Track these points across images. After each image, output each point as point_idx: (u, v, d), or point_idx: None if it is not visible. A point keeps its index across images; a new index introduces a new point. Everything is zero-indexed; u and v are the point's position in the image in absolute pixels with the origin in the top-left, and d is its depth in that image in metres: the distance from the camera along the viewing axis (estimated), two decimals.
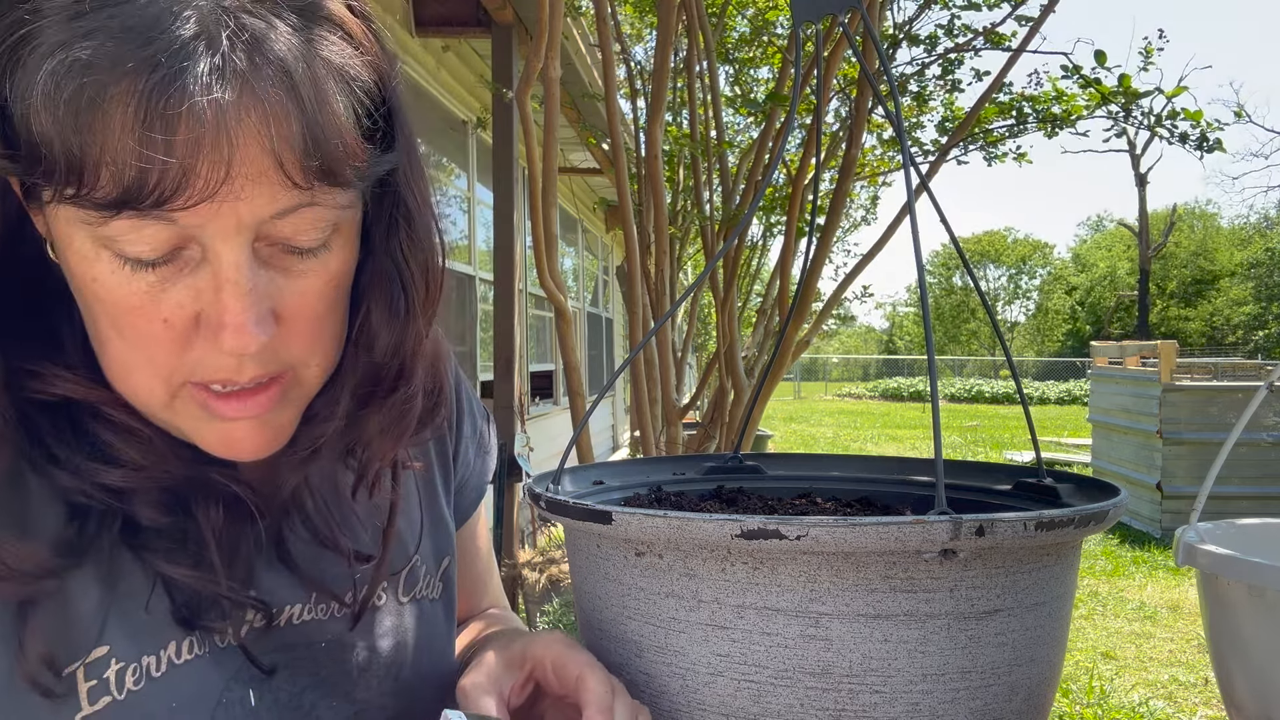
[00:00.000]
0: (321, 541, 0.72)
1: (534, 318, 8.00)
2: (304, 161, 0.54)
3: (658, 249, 3.47)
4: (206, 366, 0.58)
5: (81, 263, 0.55)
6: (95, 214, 0.52)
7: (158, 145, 0.50)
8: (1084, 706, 3.98)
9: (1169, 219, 43.64)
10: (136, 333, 0.57)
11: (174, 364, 0.58)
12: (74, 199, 0.51)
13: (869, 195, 8.23)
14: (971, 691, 0.57)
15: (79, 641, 0.60)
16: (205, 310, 0.56)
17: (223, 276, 0.55)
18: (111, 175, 0.50)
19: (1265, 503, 6.64)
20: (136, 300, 0.56)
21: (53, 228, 0.57)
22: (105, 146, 0.50)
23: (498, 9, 4.62)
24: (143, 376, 0.59)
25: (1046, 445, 13.23)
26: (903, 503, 0.85)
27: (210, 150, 0.51)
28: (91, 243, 0.54)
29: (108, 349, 0.59)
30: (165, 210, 0.52)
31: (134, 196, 0.51)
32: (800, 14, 0.74)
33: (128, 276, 0.55)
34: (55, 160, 0.51)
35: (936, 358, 0.77)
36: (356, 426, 0.69)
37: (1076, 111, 3.73)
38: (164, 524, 0.63)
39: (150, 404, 0.61)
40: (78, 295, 0.58)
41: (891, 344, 57.32)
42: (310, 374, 0.64)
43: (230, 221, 0.54)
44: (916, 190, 0.69)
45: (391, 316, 0.67)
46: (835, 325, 16.59)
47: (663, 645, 0.60)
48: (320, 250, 0.60)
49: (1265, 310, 38.59)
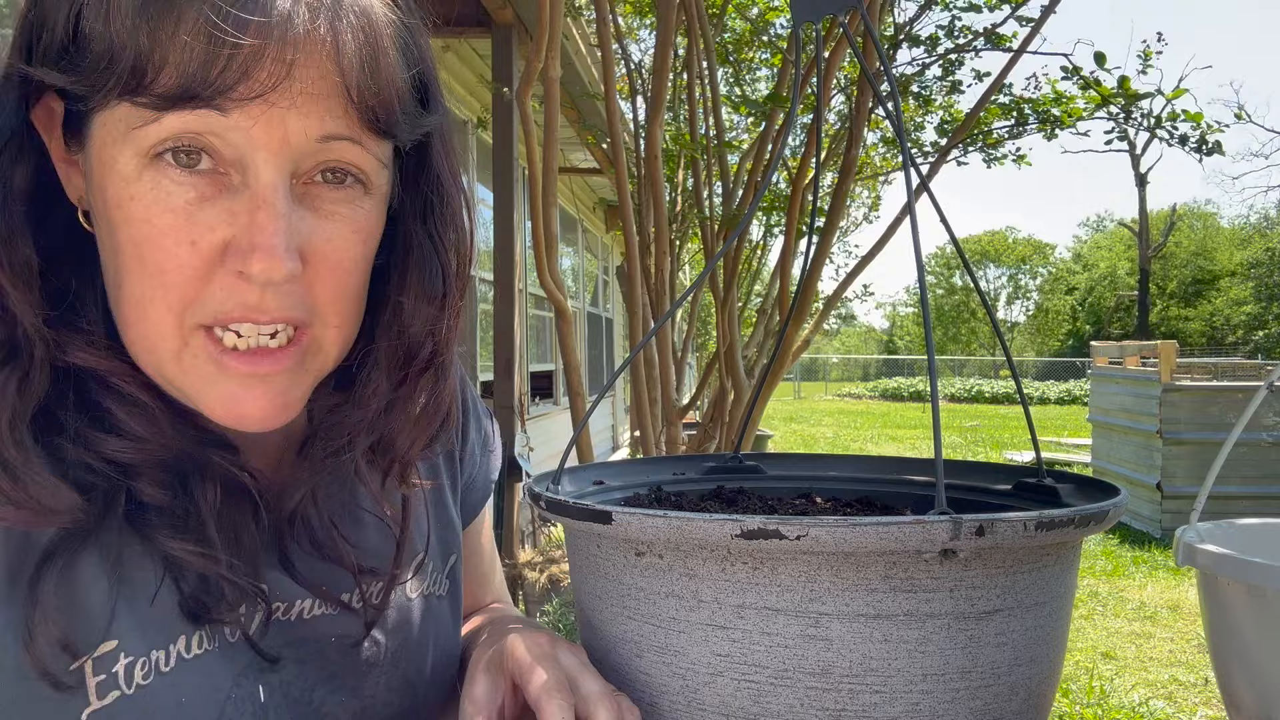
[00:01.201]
0: (325, 555, 0.71)
1: (534, 318, 8.00)
2: (360, 96, 0.56)
3: (658, 249, 3.47)
4: (224, 303, 0.58)
5: (121, 184, 0.56)
6: (151, 112, 0.53)
7: (226, 38, 0.52)
8: (1084, 706, 3.98)
9: (1169, 219, 43.66)
10: (161, 258, 0.56)
11: (191, 295, 0.57)
12: (135, 93, 0.53)
13: (870, 195, 8.23)
14: (971, 691, 0.57)
15: (88, 635, 0.59)
16: (236, 235, 0.56)
17: (260, 197, 0.56)
18: (177, 67, 0.52)
19: (1265, 503, 6.63)
20: (169, 219, 0.56)
21: (97, 156, 0.57)
22: (175, 40, 0.52)
23: (498, 9, 4.63)
24: (156, 314, 0.58)
25: (1046, 445, 13.23)
26: (903, 503, 0.85)
27: (275, 52, 0.53)
28: (136, 159, 0.55)
29: (126, 285, 0.58)
30: (223, 99, 0.53)
31: (198, 84, 0.52)
32: (800, 14, 0.74)
33: (166, 192, 0.55)
34: (123, 57, 0.52)
35: (936, 358, 0.77)
36: (391, 415, 0.69)
37: (1076, 113, 3.73)
38: (166, 502, 0.62)
39: (161, 349, 0.59)
40: (108, 231, 0.58)
41: (891, 344, 57.34)
42: (329, 337, 0.63)
43: (278, 135, 0.55)
44: (916, 190, 0.69)
45: (430, 296, 0.67)
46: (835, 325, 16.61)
47: (663, 645, 0.60)
48: (357, 193, 0.61)
49: (1265, 310, 38.59)
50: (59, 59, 0.55)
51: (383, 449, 0.72)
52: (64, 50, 0.55)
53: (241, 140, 0.55)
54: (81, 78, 0.54)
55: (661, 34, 3.18)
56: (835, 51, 3.28)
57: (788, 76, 3.70)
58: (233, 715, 0.63)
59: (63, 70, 0.55)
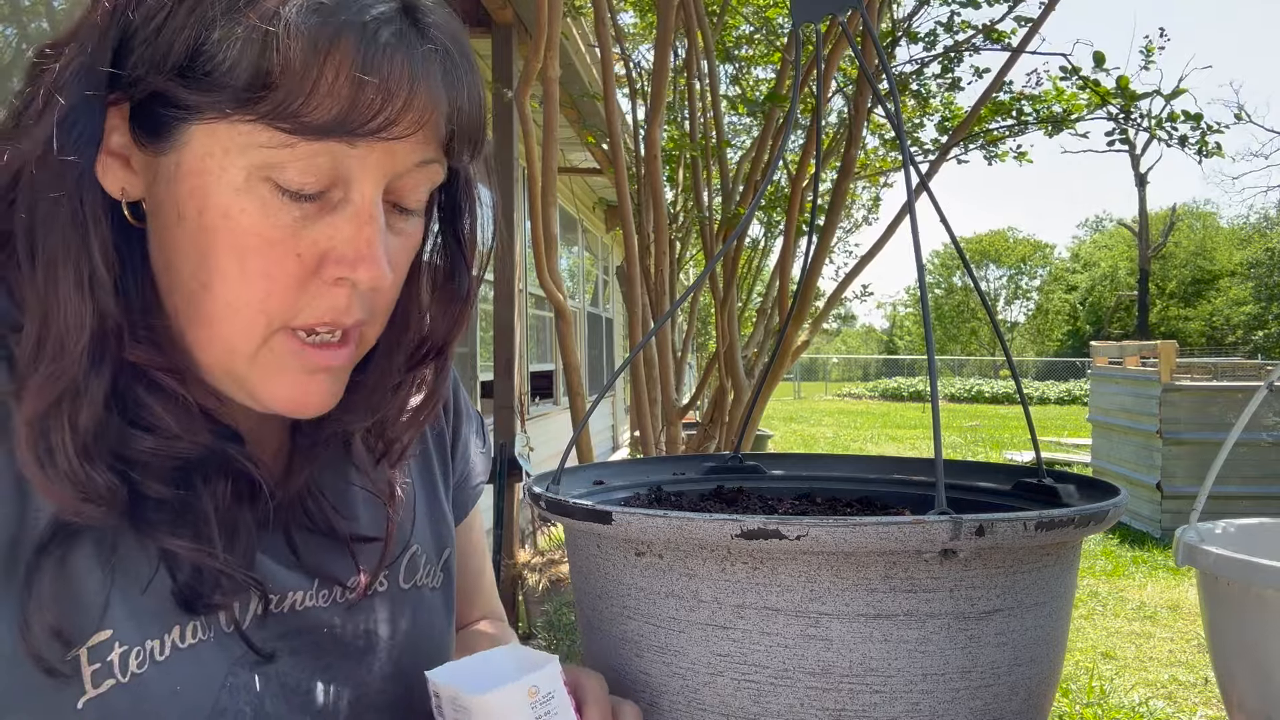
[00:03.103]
0: (320, 529, 0.73)
1: (534, 318, 8.00)
2: (455, 123, 0.63)
3: (657, 249, 3.47)
4: (317, 308, 0.62)
5: (231, 194, 0.58)
6: (287, 136, 0.57)
7: (379, 88, 0.57)
8: (1084, 706, 3.98)
9: (1169, 219, 43.66)
10: (264, 267, 0.59)
11: (288, 303, 0.61)
12: (279, 119, 0.56)
13: (871, 196, 8.23)
14: (971, 691, 0.57)
15: (83, 624, 0.60)
16: (338, 247, 0.60)
17: (365, 214, 0.60)
18: (328, 103, 0.56)
19: (1265, 503, 6.63)
20: (278, 234, 0.59)
21: (193, 161, 0.59)
22: (336, 81, 0.56)
23: (498, 9, 4.62)
24: (248, 316, 0.61)
25: (1046, 445, 13.23)
26: (903, 503, 0.85)
27: (418, 104, 0.59)
28: (248, 174, 0.58)
29: (219, 288, 0.60)
30: (360, 139, 0.58)
31: (343, 122, 0.57)
32: (800, 14, 0.74)
33: (277, 208, 0.59)
34: (280, 85, 0.56)
35: (936, 358, 0.77)
36: (392, 402, 0.74)
37: (1077, 110, 3.73)
38: (167, 497, 0.63)
39: (241, 348, 0.62)
40: (197, 233, 0.60)
41: (892, 344, 57.33)
42: (371, 334, 0.68)
43: (386, 162, 0.60)
44: (916, 190, 0.69)
45: (456, 296, 0.73)
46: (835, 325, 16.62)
47: (663, 645, 0.60)
48: (416, 214, 0.66)
49: (1265, 310, 38.59)
50: (179, 70, 0.57)
51: (378, 432, 0.76)
52: (187, 63, 0.57)
53: (356, 165, 0.60)
54: (209, 93, 0.57)
55: (661, 34, 3.18)
56: (835, 51, 3.28)
57: (787, 76, 3.70)
58: (227, 704, 0.64)
59: (183, 81, 0.57)
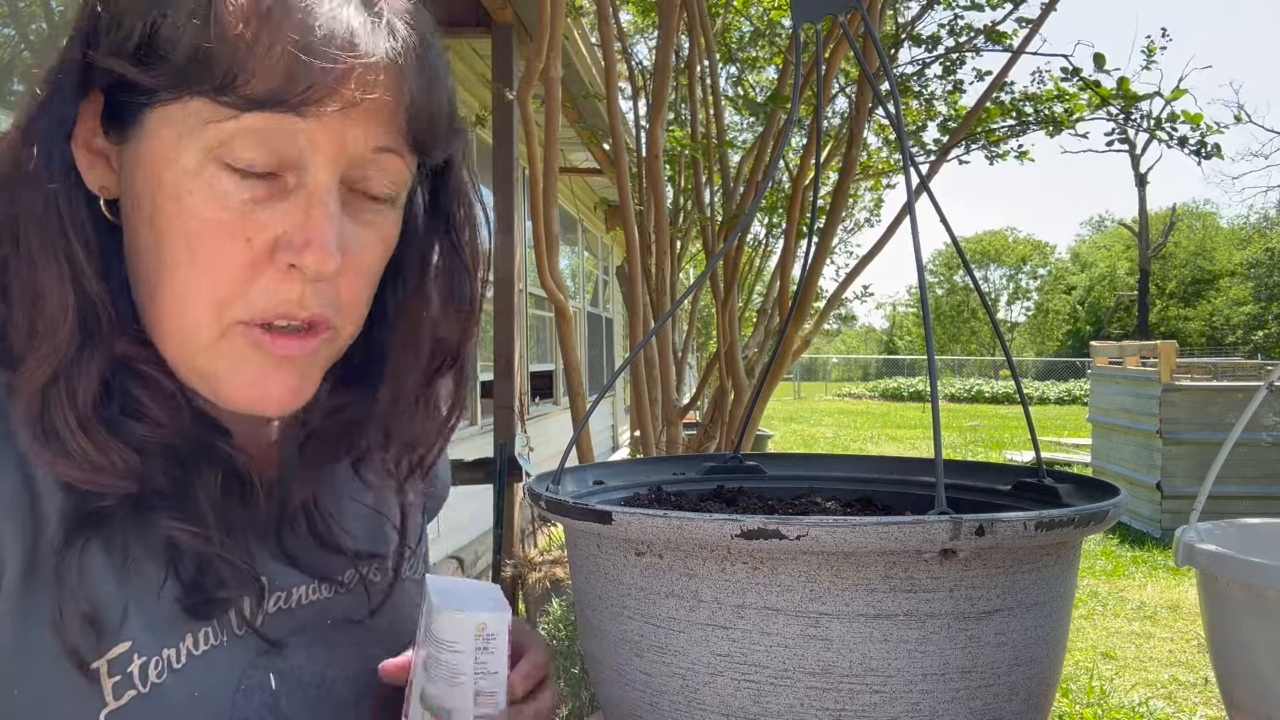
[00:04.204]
0: (324, 544, 0.74)
1: (534, 318, 8.00)
2: (414, 117, 0.62)
3: (658, 249, 3.47)
4: (270, 298, 0.60)
5: (182, 177, 0.58)
6: (231, 110, 0.56)
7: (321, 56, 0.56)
8: (1084, 706, 3.98)
9: (1169, 219, 43.65)
10: (213, 252, 0.59)
11: (238, 291, 0.60)
12: (222, 91, 0.56)
13: (873, 198, 8.22)
14: (971, 691, 0.57)
15: (102, 636, 0.60)
16: (289, 231, 0.59)
17: (316, 198, 0.59)
18: (270, 74, 0.56)
19: (1265, 503, 6.63)
20: (228, 216, 0.58)
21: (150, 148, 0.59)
22: (273, 51, 0.56)
23: (498, 9, 4.63)
24: (200, 304, 0.60)
25: (1046, 445, 13.23)
26: (903, 503, 0.85)
27: (359, 73, 0.58)
28: (201, 154, 0.58)
29: (170, 278, 0.60)
30: (304, 109, 0.57)
31: (286, 91, 0.56)
32: (800, 14, 0.74)
33: (225, 190, 0.58)
34: (219, 59, 0.55)
35: (936, 358, 0.77)
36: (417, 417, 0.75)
37: (1078, 110, 3.73)
38: (164, 486, 0.64)
39: (195, 339, 0.61)
40: (153, 222, 0.60)
41: (892, 344, 57.30)
42: (344, 333, 0.66)
43: (338, 143, 0.59)
44: (916, 190, 0.69)
45: (459, 303, 0.73)
46: (836, 325, 16.60)
47: (663, 645, 0.60)
48: (386, 205, 0.65)
49: (1265, 310, 38.59)
50: (135, 54, 0.57)
51: (409, 450, 0.76)
52: (142, 47, 0.57)
53: (305, 143, 0.59)
54: (161, 74, 0.56)
55: (663, 33, 3.18)
56: (836, 51, 3.28)
57: (789, 76, 3.70)
58: (244, 706, 0.65)
59: (139, 64, 0.57)
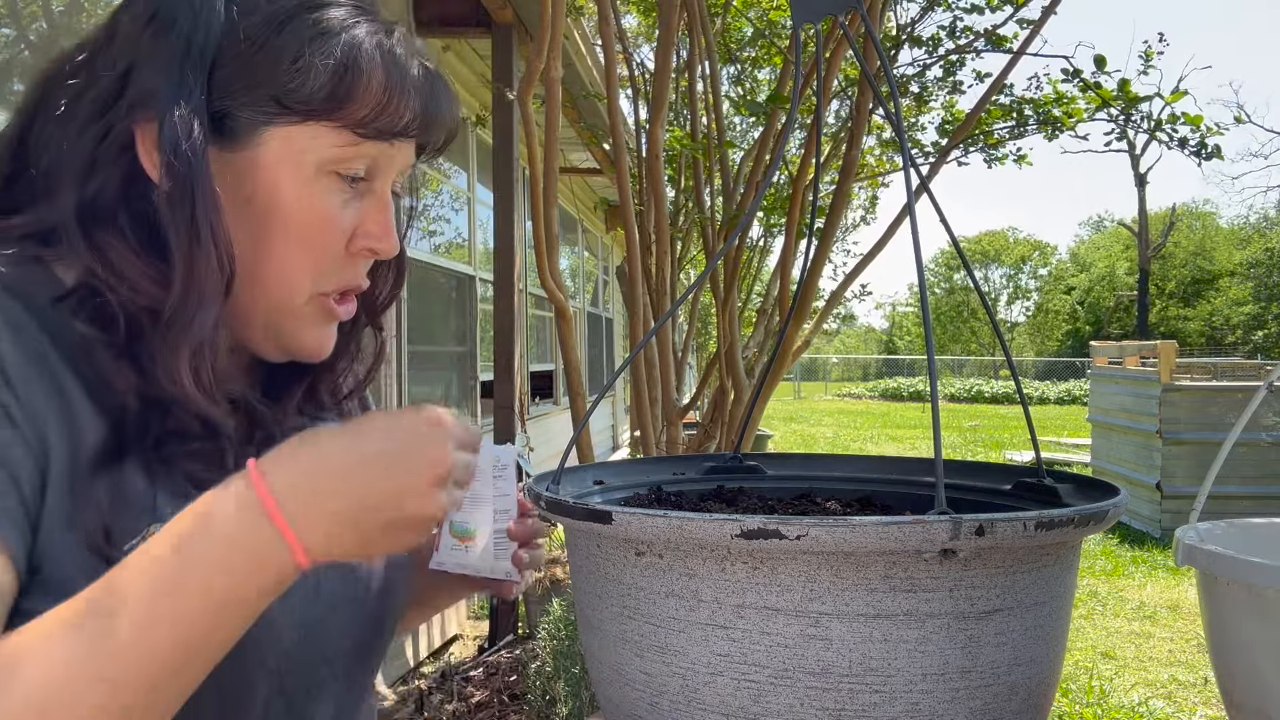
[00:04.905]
0: None
1: (534, 318, 7.99)
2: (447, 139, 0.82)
3: (658, 249, 3.47)
4: (343, 276, 0.78)
5: (300, 181, 0.74)
6: (355, 138, 0.74)
7: (429, 98, 0.77)
8: (1084, 706, 3.98)
9: (1168, 219, 43.63)
10: (317, 240, 0.76)
11: (326, 268, 0.77)
12: (356, 126, 0.73)
13: (868, 195, 8.23)
14: (971, 691, 0.57)
15: (134, 522, 0.67)
16: (366, 225, 0.77)
17: (384, 200, 0.78)
18: (386, 115, 0.75)
19: (1265, 503, 6.64)
20: (332, 213, 0.75)
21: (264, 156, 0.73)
22: (391, 100, 0.74)
23: (498, 9, 4.62)
24: (300, 276, 0.76)
25: (1046, 445, 13.22)
26: (903, 503, 0.85)
27: (435, 119, 0.79)
28: (318, 168, 0.74)
29: (276, 255, 0.75)
30: (394, 139, 0.76)
31: (393, 129, 0.75)
32: (800, 15, 0.74)
33: (333, 193, 0.75)
34: (354, 102, 0.73)
35: (936, 358, 0.77)
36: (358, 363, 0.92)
37: (1077, 114, 3.72)
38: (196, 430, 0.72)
39: (289, 304, 0.77)
40: (265, 211, 0.74)
41: (891, 344, 57.26)
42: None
43: (404, 161, 0.79)
44: (916, 191, 0.69)
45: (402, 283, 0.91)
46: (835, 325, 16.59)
47: (663, 645, 0.61)
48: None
49: (1264, 310, 38.58)
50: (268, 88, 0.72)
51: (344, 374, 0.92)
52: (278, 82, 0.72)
53: (386, 162, 0.77)
54: (297, 106, 0.72)
55: (663, 34, 3.18)
56: (836, 52, 3.28)
57: (789, 77, 3.70)
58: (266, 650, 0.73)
59: (278, 97, 0.72)
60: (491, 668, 4.19)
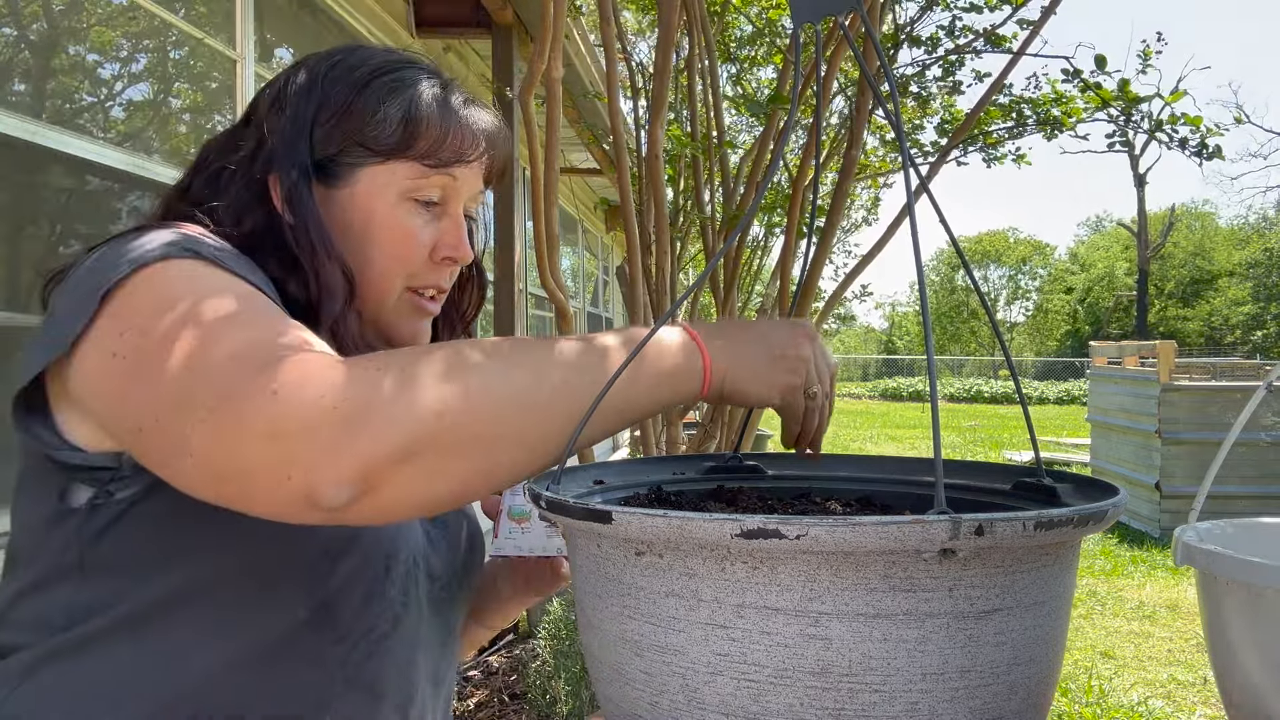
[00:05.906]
0: None
1: (534, 318, 8.00)
2: (501, 169, 1.02)
3: (658, 249, 3.47)
4: (429, 279, 0.98)
5: (387, 208, 0.94)
6: (426, 170, 0.93)
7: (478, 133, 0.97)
8: (1083, 706, 3.98)
9: (1167, 219, 43.63)
10: (401, 252, 0.95)
11: (413, 271, 0.96)
12: (425, 160, 0.93)
13: (870, 196, 8.22)
14: (971, 691, 0.57)
15: None
16: (445, 239, 0.97)
17: (457, 220, 0.98)
18: (449, 151, 0.95)
19: (1265, 503, 6.64)
20: (413, 231, 0.95)
21: (359, 190, 0.93)
22: (453, 139, 0.95)
23: (498, 9, 4.62)
24: (394, 280, 0.96)
25: (1045, 445, 13.22)
26: (902, 503, 0.85)
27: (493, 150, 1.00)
28: (398, 196, 0.94)
29: (375, 263, 0.94)
30: (463, 164, 0.96)
31: (456, 162, 0.95)
32: (800, 15, 0.74)
33: (413, 216, 0.95)
34: (430, 137, 0.93)
35: (936, 358, 0.78)
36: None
37: (1076, 114, 3.72)
38: None
39: (387, 299, 0.96)
40: (364, 232, 0.94)
41: (891, 344, 57.24)
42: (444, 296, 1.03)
43: (472, 188, 0.98)
44: (916, 191, 0.69)
45: (484, 296, 1.15)
46: (835, 325, 16.55)
47: (663, 645, 0.61)
48: (471, 221, 1.02)
49: (1263, 310, 38.59)
50: (359, 139, 0.92)
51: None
52: (365, 134, 0.92)
53: (451, 189, 0.96)
54: (379, 150, 0.92)
55: (663, 33, 3.18)
56: (836, 52, 3.28)
57: (788, 77, 3.70)
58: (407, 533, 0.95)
59: (366, 145, 0.92)
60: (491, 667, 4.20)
